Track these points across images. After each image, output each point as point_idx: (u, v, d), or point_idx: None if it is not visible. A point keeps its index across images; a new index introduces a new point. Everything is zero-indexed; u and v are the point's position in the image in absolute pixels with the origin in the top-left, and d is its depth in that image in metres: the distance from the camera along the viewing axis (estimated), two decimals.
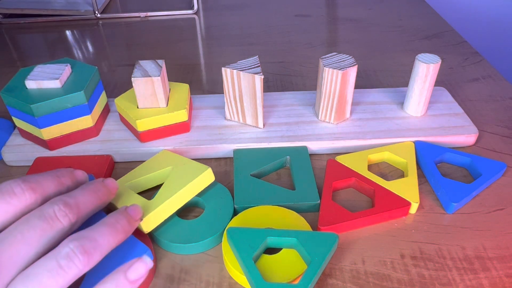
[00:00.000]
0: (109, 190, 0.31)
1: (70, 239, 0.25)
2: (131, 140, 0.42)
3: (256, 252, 0.30)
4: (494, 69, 0.56)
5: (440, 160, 0.41)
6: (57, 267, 0.24)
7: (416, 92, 0.43)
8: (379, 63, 0.59)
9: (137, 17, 0.76)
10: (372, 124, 0.44)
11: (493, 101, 0.50)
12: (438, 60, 0.41)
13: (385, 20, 0.72)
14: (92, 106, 0.41)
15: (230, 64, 0.40)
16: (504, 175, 0.39)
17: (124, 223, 0.28)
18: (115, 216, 0.28)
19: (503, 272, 0.31)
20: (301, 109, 0.46)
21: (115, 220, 0.27)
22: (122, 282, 0.26)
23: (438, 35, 0.67)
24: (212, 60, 0.61)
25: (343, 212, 0.34)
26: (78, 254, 0.24)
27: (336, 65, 0.40)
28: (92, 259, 0.25)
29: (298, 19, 0.74)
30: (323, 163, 0.41)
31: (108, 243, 0.26)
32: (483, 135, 0.44)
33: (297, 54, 0.62)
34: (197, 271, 0.32)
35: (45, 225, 0.25)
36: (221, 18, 0.75)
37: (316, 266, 0.29)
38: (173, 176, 0.35)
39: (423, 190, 0.38)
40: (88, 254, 0.25)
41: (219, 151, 0.42)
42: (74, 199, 0.27)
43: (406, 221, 0.35)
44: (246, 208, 0.35)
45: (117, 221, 0.28)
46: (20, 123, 0.41)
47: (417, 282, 0.31)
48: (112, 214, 0.28)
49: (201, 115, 0.45)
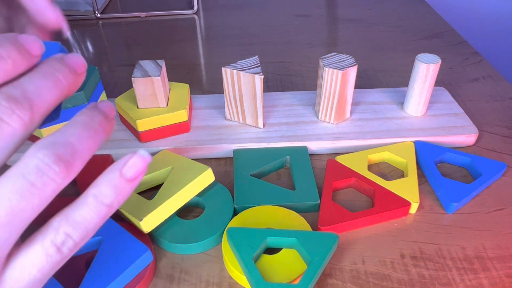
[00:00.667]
0: (74, 71, 0.22)
1: (37, 147, 0.19)
2: (131, 140, 0.42)
3: (256, 252, 0.30)
4: (494, 69, 0.56)
5: (440, 160, 0.41)
6: (28, 186, 0.19)
7: (416, 92, 0.43)
8: (379, 63, 0.59)
9: (137, 17, 0.76)
10: (372, 124, 0.44)
11: (493, 101, 0.50)
12: (438, 60, 0.41)
13: (385, 20, 0.72)
14: None
15: (230, 64, 0.40)
16: (504, 175, 0.39)
17: (101, 119, 0.21)
18: (87, 112, 0.21)
19: (503, 272, 0.31)
20: (301, 109, 0.46)
21: (89, 118, 0.21)
22: (119, 181, 0.21)
23: (438, 35, 0.67)
24: (212, 60, 0.61)
25: (343, 212, 0.34)
26: (52, 164, 0.19)
27: (336, 65, 0.40)
28: (72, 169, 0.20)
29: (298, 19, 0.74)
30: (323, 163, 0.41)
31: (88, 146, 0.20)
32: (483, 135, 0.44)
33: (297, 54, 0.62)
34: (197, 271, 0.32)
35: None
36: (221, 18, 0.75)
37: (316, 266, 0.29)
38: (173, 176, 0.35)
39: (423, 190, 0.38)
40: (66, 163, 0.19)
41: (219, 151, 0.42)
42: (21, 89, 0.19)
43: (406, 221, 0.35)
44: (246, 208, 0.35)
45: (92, 119, 0.21)
46: None
47: (417, 282, 0.31)
48: (83, 111, 0.22)
49: (201, 115, 0.45)
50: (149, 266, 0.30)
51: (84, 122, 0.21)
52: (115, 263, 0.29)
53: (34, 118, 0.20)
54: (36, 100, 0.20)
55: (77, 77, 0.22)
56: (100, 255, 0.30)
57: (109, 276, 0.28)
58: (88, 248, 0.31)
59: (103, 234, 0.31)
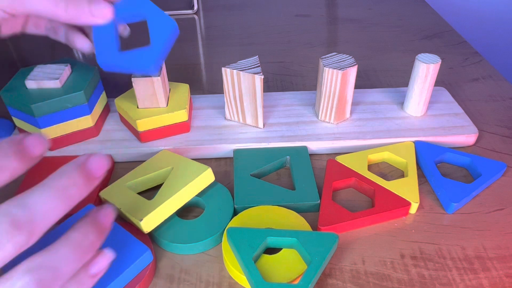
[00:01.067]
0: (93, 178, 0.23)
1: (24, 269, 0.20)
2: (131, 140, 0.42)
3: (256, 252, 0.30)
4: (494, 69, 0.56)
5: (440, 160, 0.41)
6: None
7: (416, 92, 0.43)
8: (379, 63, 0.59)
9: None
10: (372, 124, 0.44)
11: (493, 101, 0.50)
12: (438, 60, 0.41)
13: (385, 20, 0.72)
14: (92, 106, 0.41)
15: (230, 64, 0.40)
16: (504, 175, 0.39)
17: (94, 238, 0.23)
18: (83, 228, 0.22)
19: (503, 272, 0.31)
20: (301, 109, 0.46)
21: (83, 236, 0.22)
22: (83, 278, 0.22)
23: (438, 35, 0.67)
24: (212, 60, 0.61)
25: (343, 212, 0.34)
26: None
27: (336, 65, 0.40)
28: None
29: (298, 19, 0.74)
30: (323, 163, 0.41)
31: (71, 270, 0.21)
32: (483, 135, 0.44)
33: (297, 54, 0.62)
34: (197, 271, 0.32)
35: None
36: (221, 18, 0.75)
37: (316, 266, 0.29)
38: (173, 176, 0.35)
39: (423, 190, 0.38)
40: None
41: (219, 151, 0.42)
42: (27, 209, 0.20)
43: (406, 221, 0.35)
44: (246, 208, 0.35)
45: (85, 237, 0.22)
46: (20, 123, 0.41)
47: (417, 282, 0.31)
48: (80, 224, 0.23)
49: (201, 115, 0.45)
50: (149, 266, 0.30)
51: (76, 242, 0.22)
52: (115, 263, 0.29)
53: (31, 240, 0.20)
54: (39, 222, 0.20)
55: (93, 183, 0.23)
56: None
57: (109, 276, 0.28)
58: None
59: None
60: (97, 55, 0.35)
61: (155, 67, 0.35)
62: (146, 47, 0.35)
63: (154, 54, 0.35)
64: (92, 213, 0.24)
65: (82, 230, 0.22)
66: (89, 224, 0.23)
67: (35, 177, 0.38)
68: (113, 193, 0.35)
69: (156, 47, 0.35)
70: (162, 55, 0.35)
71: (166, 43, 0.35)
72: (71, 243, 0.22)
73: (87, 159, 0.23)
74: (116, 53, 0.35)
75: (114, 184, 0.36)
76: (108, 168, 0.23)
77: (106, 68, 0.35)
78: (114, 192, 0.35)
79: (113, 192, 0.35)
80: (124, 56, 0.35)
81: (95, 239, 0.23)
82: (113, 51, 0.35)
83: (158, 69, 0.35)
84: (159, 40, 0.35)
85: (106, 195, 0.35)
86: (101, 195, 0.36)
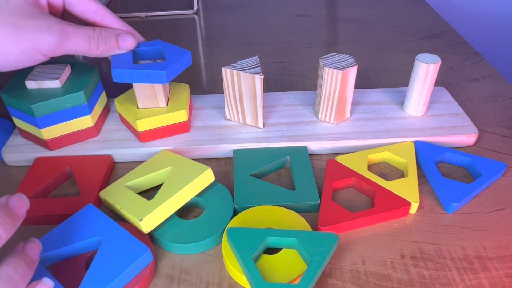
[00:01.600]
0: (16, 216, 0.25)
1: None
2: (131, 140, 0.42)
3: (256, 252, 0.30)
4: (494, 69, 0.56)
5: (440, 160, 0.41)
6: None
7: (416, 92, 0.43)
8: (379, 63, 0.59)
9: (137, 17, 0.76)
10: (372, 124, 0.44)
11: (493, 101, 0.50)
12: (438, 60, 0.41)
13: (385, 20, 0.72)
14: (92, 106, 0.41)
15: (230, 64, 0.40)
16: (504, 175, 0.39)
17: (23, 271, 0.24)
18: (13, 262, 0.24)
19: (503, 272, 0.31)
20: (301, 109, 0.46)
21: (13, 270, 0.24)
22: None
23: (438, 35, 0.67)
24: (212, 60, 0.61)
25: (343, 212, 0.34)
26: None
27: (336, 65, 0.40)
28: None
29: (298, 19, 0.74)
30: (323, 163, 0.41)
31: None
32: (483, 135, 0.44)
33: (297, 54, 0.62)
34: (197, 271, 0.32)
35: None
36: (221, 18, 0.75)
37: (316, 266, 0.29)
38: (173, 176, 0.35)
39: (423, 190, 0.38)
40: None
41: (219, 151, 0.42)
42: None
43: (406, 221, 0.35)
44: (246, 208, 0.35)
45: (16, 270, 0.24)
46: (20, 123, 0.41)
47: (417, 282, 0.31)
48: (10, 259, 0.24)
49: (201, 115, 0.45)
50: (149, 266, 0.30)
51: (8, 276, 0.23)
52: (115, 263, 0.29)
53: None
54: None
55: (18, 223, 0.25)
56: (100, 255, 0.30)
57: (109, 276, 0.28)
58: (88, 248, 0.31)
59: (103, 234, 0.31)
60: (112, 66, 0.37)
61: (167, 78, 0.38)
62: (160, 62, 0.38)
63: (168, 66, 0.38)
64: (20, 247, 0.25)
65: (12, 264, 0.24)
66: (17, 258, 0.24)
67: (35, 177, 0.38)
68: (113, 193, 0.35)
69: (170, 62, 0.38)
70: (174, 72, 0.39)
71: (179, 64, 0.39)
72: (3, 277, 0.23)
73: (8, 199, 0.25)
74: (131, 65, 0.38)
75: (114, 184, 0.36)
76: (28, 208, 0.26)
77: (118, 79, 0.38)
78: (114, 192, 0.35)
79: (113, 192, 0.35)
80: (138, 68, 0.38)
81: (26, 271, 0.24)
82: (129, 63, 0.38)
83: (169, 80, 0.38)
84: (173, 59, 0.39)
85: (106, 195, 0.35)
86: (101, 195, 0.36)
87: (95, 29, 0.36)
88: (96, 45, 0.36)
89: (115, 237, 0.31)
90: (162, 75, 0.37)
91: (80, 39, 0.35)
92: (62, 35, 0.34)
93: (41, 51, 0.33)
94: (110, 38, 0.37)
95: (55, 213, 0.35)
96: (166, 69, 0.37)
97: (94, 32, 0.36)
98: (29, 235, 0.33)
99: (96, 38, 0.36)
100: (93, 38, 0.36)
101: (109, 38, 0.37)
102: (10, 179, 0.40)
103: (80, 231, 0.31)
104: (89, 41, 0.36)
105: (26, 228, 0.35)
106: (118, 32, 0.38)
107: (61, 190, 0.39)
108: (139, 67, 0.38)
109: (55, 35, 0.33)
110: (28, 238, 0.33)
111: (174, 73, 0.39)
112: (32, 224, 0.35)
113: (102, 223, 0.32)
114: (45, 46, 0.33)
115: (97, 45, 0.36)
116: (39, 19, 0.33)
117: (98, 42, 0.36)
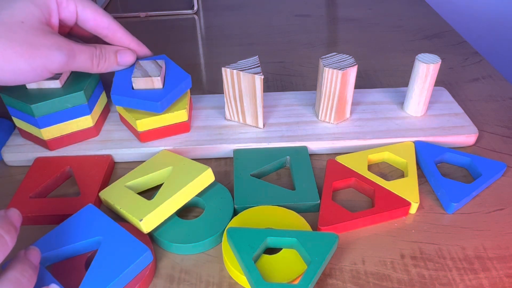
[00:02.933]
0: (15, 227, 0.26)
1: None
2: (131, 140, 0.42)
3: (256, 252, 0.30)
4: (494, 69, 0.56)
5: (440, 160, 0.41)
6: None
7: (416, 92, 0.43)
8: (379, 63, 0.59)
9: (137, 16, 0.76)
10: (372, 124, 0.44)
11: (493, 101, 0.50)
12: (438, 60, 0.41)
13: (385, 20, 0.72)
14: (92, 106, 0.41)
15: (230, 64, 0.40)
16: (504, 175, 0.39)
17: (30, 275, 0.25)
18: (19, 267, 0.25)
19: (503, 272, 0.31)
20: (301, 109, 0.46)
21: (21, 274, 0.25)
22: None
23: (438, 35, 0.67)
24: (212, 60, 0.61)
25: (343, 212, 0.34)
26: None
27: (336, 65, 0.40)
28: None
29: (298, 19, 0.74)
30: (323, 163, 0.41)
31: None
32: (483, 135, 0.44)
33: (297, 54, 0.62)
34: (197, 271, 0.32)
35: None
36: (221, 18, 0.75)
37: (316, 266, 0.29)
38: (173, 176, 0.35)
39: (423, 190, 0.38)
40: None
41: (219, 151, 0.42)
42: None
43: (406, 221, 0.35)
44: (246, 208, 0.35)
45: (23, 275, 0.25)
46: (20, 123, 0.41)
47: (417, 282, 0.31)
48: (16, 264, 0.25)
49: (201, 115, 0.45)
50: (149, 266, 0.30)
51: (16, 279, 0.24)
52: (115, 263, 0.29)
53: None
54: None
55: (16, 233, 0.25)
56: (100, 255, 0.30)
57: (109, 276, 0.28)
58: (88, 248, 0.31)
59: (103, 234, 0.31)
60: (112, 92, 0.39)
61: (161, 107, 0.39)
62: (158, 89, 0.40)
63: (164, 97, 0.39)
64: (22, 254, 0.26)
65: (19, 269, 0.25)
66: (22, 263, 0.25)
67: (35, 177, 0.38)
68: (113, 193, 0.35)
69: (168, 91, 0.40)
70: (170, 100, 0.40)
71: (177, 91, 0.40)
72: (12, 280, 0.24)
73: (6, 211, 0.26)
74: (129, 92, 0.39)
75: (114, 184, 0.36)
76: (21, 222, 0.27)
77: (117, 103, 0.40)
78: (114, 192, 0.35)
79: (113, 192, 0.35)
80: (137, 94, 0.39)
81: (32, 275, 0.25)
82: (128, 90, 0.40)
83: (164, 109, 0.39)
84: (172, 85, 0.40)
85: (106, 195, 0.35)
86: (101, 195, 0.36)
87: (96, 46, 0.38)
88: (97, 62, 0.38)
89: (115, 237, 0.31)
90: (157, 106, 0.39)
91: (85, 58, 0.36)
92: (70, 53, 0.35)
93: (50, 69, 0.35)
94: (110, 54, 0.39)
95: (55, 213, 0.35)
96: (161, 100, 0.38)
97: (96, 49, 0.37)
98: (29, 235, 0.33)
99: (98, 56, 0.38)
100: (96, 56, 0.37)
101: (108, 54, 0.39)
102: (10, 179, 0.40)
103: (80, 231, 0.31)
104: (92, 59, 0.37)
105: (26, 228, 0.35)
106: (117, 49, 0.40)
107: (61, 190, 0.39)
108: (137, 95, 0.39)
109: (64, 53, 0.34)
110: (28, 237, 0.33)
111: (170, 101, 0.40)
112: (32, 224, 0.35)
113: (102, 223, 0.32)
114: (55, 64, 0.34)
115: (98, 63, 0.38)
116: (51, 38, 0.34)
117: (99, 60, 0.38)
